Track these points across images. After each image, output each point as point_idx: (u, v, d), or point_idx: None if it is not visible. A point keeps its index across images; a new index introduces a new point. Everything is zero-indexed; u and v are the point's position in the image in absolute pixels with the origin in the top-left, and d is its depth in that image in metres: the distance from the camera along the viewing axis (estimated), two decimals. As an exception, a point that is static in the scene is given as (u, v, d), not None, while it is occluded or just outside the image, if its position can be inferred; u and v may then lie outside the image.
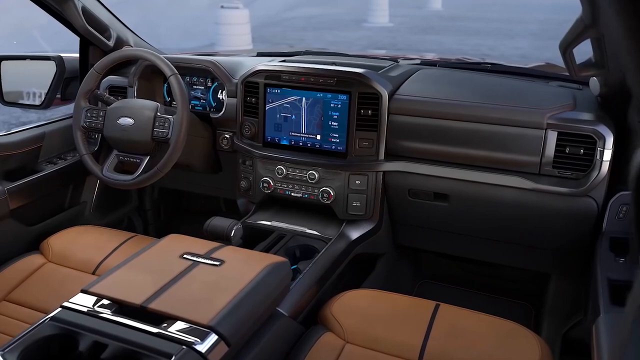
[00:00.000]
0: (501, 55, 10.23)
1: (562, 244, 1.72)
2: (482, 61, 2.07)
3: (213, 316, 1.10)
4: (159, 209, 2.56)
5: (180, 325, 1.08)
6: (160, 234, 2.53)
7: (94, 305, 1.16)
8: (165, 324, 1.09)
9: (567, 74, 1.94)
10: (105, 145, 2.13)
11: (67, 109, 2.19)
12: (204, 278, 1.23)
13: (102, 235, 1.88)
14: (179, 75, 1.75)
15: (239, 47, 9.12)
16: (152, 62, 1.77)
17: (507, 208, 1.67)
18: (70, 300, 1.18)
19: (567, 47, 1.31)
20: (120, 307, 1.15)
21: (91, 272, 1.69)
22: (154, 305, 1.12)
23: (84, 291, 1.20)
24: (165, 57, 1.82)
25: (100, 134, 2.12)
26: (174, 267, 1.27)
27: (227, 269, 1.27)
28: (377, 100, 1.70)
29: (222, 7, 9.91)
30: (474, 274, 2.24)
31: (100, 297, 1.18)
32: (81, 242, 1.83)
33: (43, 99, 2.14)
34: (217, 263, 1.28)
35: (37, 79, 2.19)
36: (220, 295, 1.17)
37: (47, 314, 1.50)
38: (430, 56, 2.24)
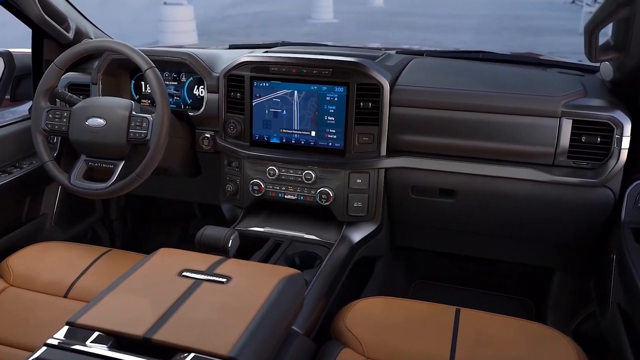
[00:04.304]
0: (447, 50, 10.38)
1: (572, 237, 1.66)
2: (471, 50, 1.98)
3: (232, 345, 0.94)
4: (125, 218, 2.34)
5: (194, 358, 0.92)
6: (128, 245, 2.34)
7: (85, 340, 0.97)
8: (176, 358, 0.92)
9: (554, 60, 1.92)
10: (66, 150, 1.91)
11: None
12: (211, 299, 1.07)
13: (71, 251, 1.67)
14: (156, 69, 1.56)
15: (185, 45, 8.79)
16: (126, 54, 1.57)
17: (519, 202, 1.59)
18: (54, 336, 0.99)
19: (594, 28, 1.23)
20: (117, 340, 0.97)
21: (62, 295, 1.49)
22: (160, 336, 0.95)
23: (71, 323, 1.00)
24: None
25: (59, 138, 1.90)
26: (174, 287, 1.10)
27: (236, 287, 1.11)
28: (377, 91, 1.58)
29: (165, 3, 9.55)
30: (469, 272, 2.16)
31: (91, 329, 0.99)
32: (47, 260, 1.61)
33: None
34: (224, 280, 1.12)
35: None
36: (234, 319, 1.01)
37: (19, 348, 1.30)
38: (374, 45, 2.15)
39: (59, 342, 0.97)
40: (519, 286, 2.10)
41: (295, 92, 1.64)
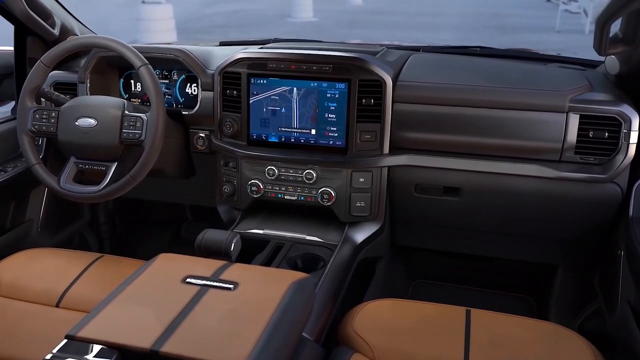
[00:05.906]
0: (429, 48, 10.41)
1: (578, 234, 1.63)
2: (469, 45, 1.95)
3: (246, 356, 0.89)
4: (114, 222, 2.26)
5: None
6: (117, 250, 2.26)
7: (87, 355, 0.91)
8: None
9: (554, 55, 1.90)
10: (52, 152, 1.82)
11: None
12: (219, 306, 1.02)
13: (61, 258, 1.59)
14: (150, 66, 1.49)
15: (172, 43, 8.67)
16: (118, 51, 1.49)
17: (525, 199, 1.56)
18: (53, 351, 0.92)
19: (607, 20, 1.20)
20: (122, 354, 0.91)
21: (54, 304, 1.41)
22: (169, 348, 0.90)
23: (70, 337, 0.94)
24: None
25: (45, 139, 1.82)
26: (179, 295, 1.04)
27: (244, 293, 1.06)
28: (380, 87, 1.53)
29: (143, 2, 9.39)
30: (468, 270, 2.14)
31: (93, 342, 0.93)
32: (36, 268, 1.54)
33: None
34: (230, 286, 1.07)
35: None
36: (246, 328, 0.96)
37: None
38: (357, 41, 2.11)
39: (58, 358, 0.91)
40: (519, 284, 2.08)
41: (295, 89, 1.58)
